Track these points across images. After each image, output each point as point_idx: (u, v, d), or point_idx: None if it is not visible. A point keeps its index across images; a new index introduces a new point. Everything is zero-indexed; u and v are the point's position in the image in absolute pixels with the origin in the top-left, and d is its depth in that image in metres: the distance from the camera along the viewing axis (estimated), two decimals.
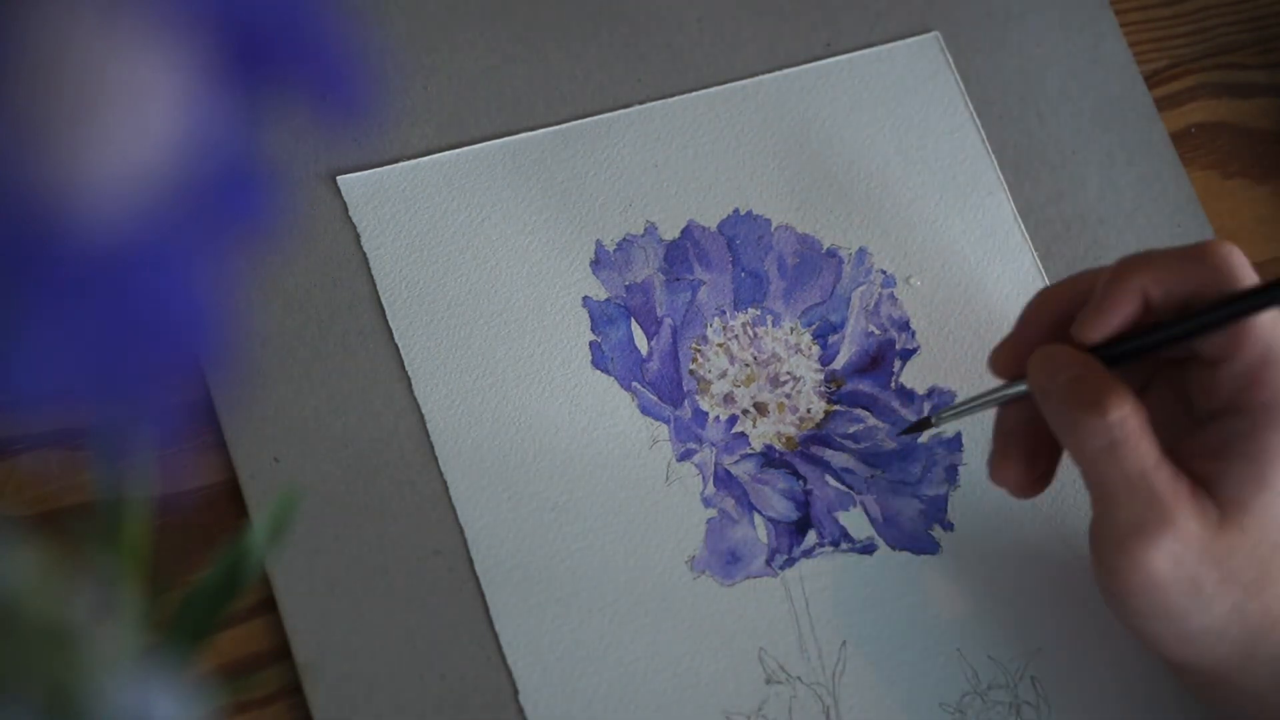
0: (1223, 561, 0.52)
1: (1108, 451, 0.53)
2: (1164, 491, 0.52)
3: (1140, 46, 0.71)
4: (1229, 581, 0.52)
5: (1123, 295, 0.54)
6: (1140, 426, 0.53)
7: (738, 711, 0.58)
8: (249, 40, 0.28)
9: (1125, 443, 0.52)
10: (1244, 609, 0.52)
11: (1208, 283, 0.53)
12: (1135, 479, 0.52)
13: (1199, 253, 0.53)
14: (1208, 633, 0.53)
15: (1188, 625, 0.53)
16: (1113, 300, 0.54)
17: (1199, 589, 0.52)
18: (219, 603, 0.38)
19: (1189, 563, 0.52)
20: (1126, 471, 0.52)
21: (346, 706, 0.56)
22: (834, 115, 0.67)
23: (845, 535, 0.61)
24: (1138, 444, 0.52)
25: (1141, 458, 0.52)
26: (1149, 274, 0.54)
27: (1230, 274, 0.53)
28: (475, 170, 0.64)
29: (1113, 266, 0.55)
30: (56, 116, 0.26)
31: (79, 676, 0.33)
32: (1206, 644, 0.53)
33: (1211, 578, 0.52)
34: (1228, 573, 0.52)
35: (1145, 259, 0.54)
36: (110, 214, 0.27)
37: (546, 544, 0.59)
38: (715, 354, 0.63)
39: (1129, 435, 0.52)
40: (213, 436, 0.59)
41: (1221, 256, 0.53)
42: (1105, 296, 0.54)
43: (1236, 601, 0.52)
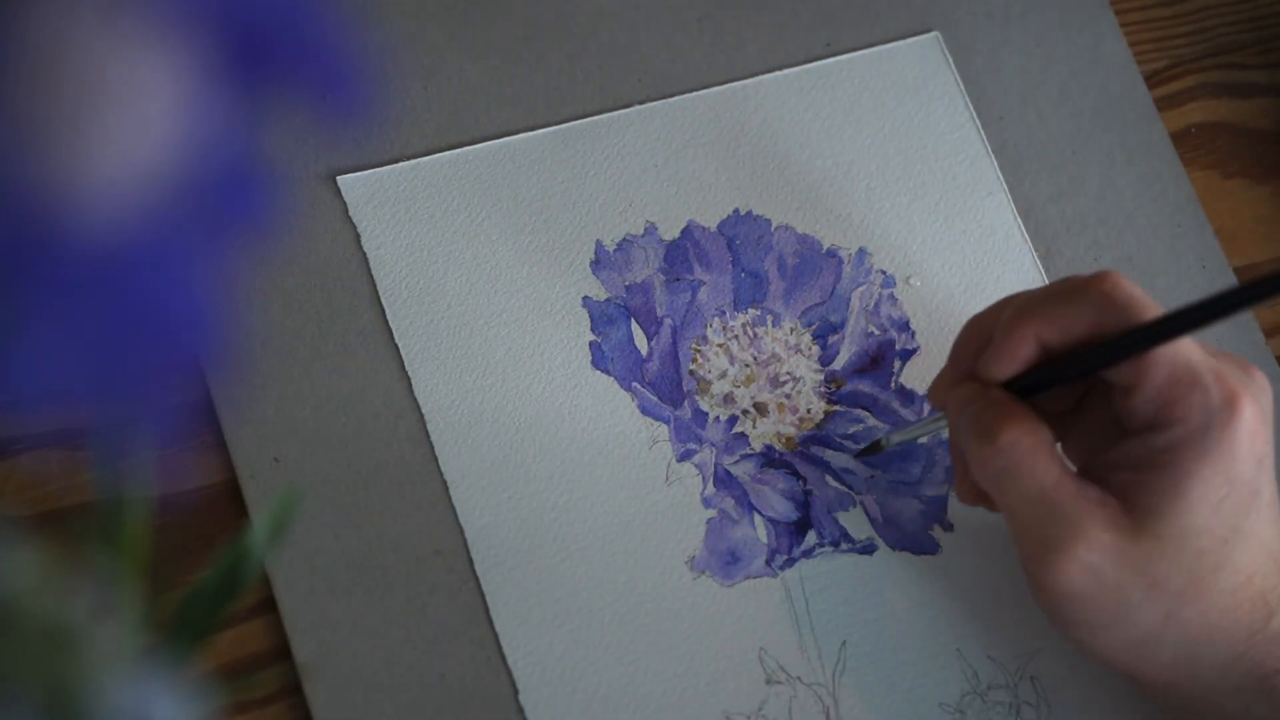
0: (1144, 569, 0.52)
1: (1004, 476, 0.54)
2: (1067, 506, 0.53)
3: (1140, 46, 0.71)
4: (1156, 589, 0.52)
5: (1017, 343, 0.55)
6: (1033, 448, 0.54)
7: (738, 711, 0.58)
8: (249, 40, 0.28)
9: (1019, 466, 0.54)
10: (1179, 617, 0.53)
11: (1096, 322, 0.54)
12: (1035, 498, 0.53)
13: (1082, 292, 0.54)
14: (1144, 641, 0.53)
15: (1122, 635, 0.53)
16: (1008, 348, 0.55)
17: (1125, 597, 0.53)
18: (219, 603, 0.38)
19: (1108, 571, 0.52)
20: (1025, 492, 0.53)
21: (346, 706, 0.56)
22: (834, 115, 0.67)
23: (845, 535, 0.61)
24: (1032, 465, 0.53)
25: (1038, 478, 0.53)
26: (1039, 322, 0.54)
27: (1116, 309, 0.53)
28: (475, 170, 0.64)
29: (1008, 313, 0.55)
30: (56, 116, 0.26)
31: (79, 676, 0.33)
32: (1147, 652, 0.54)
33: (1137, 585, 0.52)
34: (1152, 581, 0.52)
35: (1034, 306, 0.54)
36: (110, 214, 0.27)
37: (546, 544, 0.59)
38: (715, 354, 0.63)
39: (1021, 458, 0.54)
40: (213, 436, 0.59)
41: (1104, 294, 0.53)
42: (1001, 344, 0.55)
43: (1169, 609, 0.53)
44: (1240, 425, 0.52)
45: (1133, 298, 0.53)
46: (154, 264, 0.27)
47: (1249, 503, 0.53)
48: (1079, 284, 0.54)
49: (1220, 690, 0.54)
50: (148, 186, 0.27)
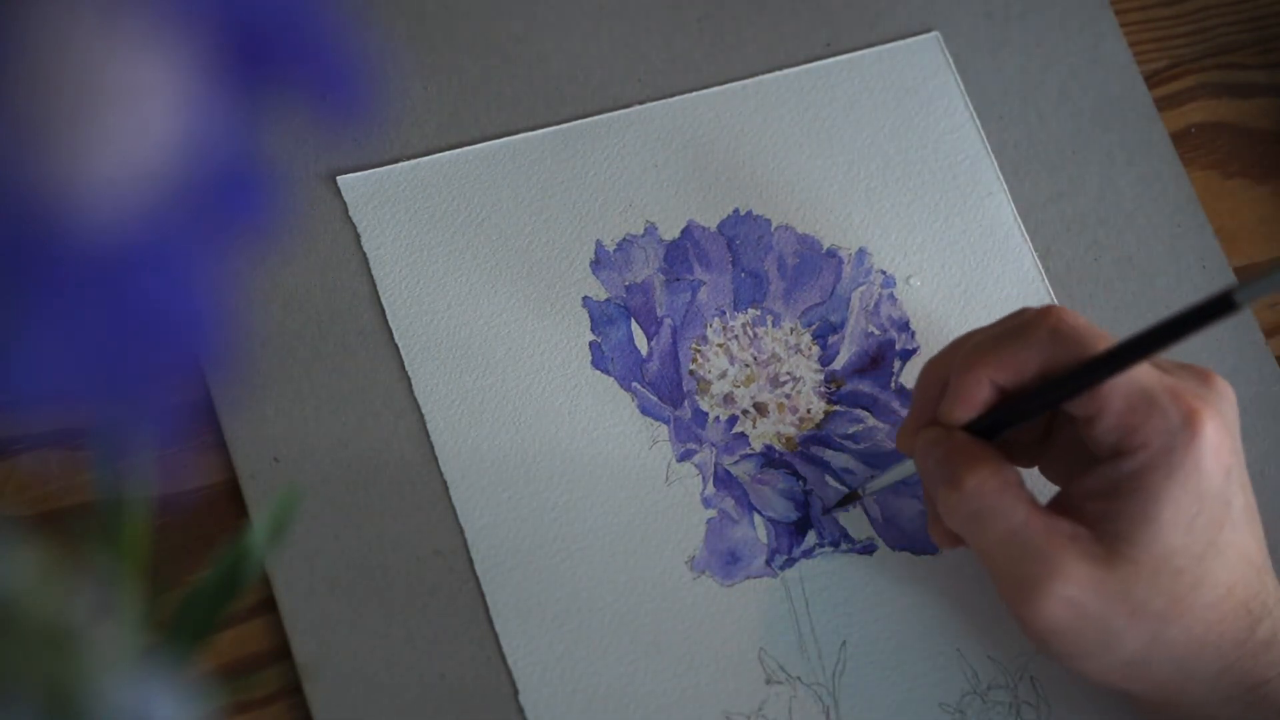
0: (1124, 596, 0.52)
1: (973, 520, 0.54)
2: (1039, 543, 0.53)
3: (1140, 46, 0.71)
4: (1138, 614, 0.52)
5: (971, 388, 0.55)
6: (999, 489, 0.54)
7: (738, 711, 0.58)
8: (249, 40, 0.28)
9: (987, 509, 0.54)
10: (1164, 637, 0.53)
11: (1047, 359, 0.53)
12: (1007, 538, 0.53)
13: (1029, 331, 0.54)
14: (1133, 664, 0.54)
15: (1111, 660, 0.53)
16: (963, 393, 0.55)
17: (1108, 625, 0.53)
18: (219, 603, 0.38)
19: (1088, 602, 0.52)
20: (996, 533, 0.53)
21: (346, 706, 0.56)
22: (834, 115, 0.67)
23: (845, 535, 0.61)
24: (999, 507, 0.53)
25: (1006, 518, 0.53)
26: (990, 366, 0.54)
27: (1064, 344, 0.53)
28: (475, 170, 0.64)
29: (959, 358, 0.55)
30: (56, 116, 0.26)
31: (79, 676, 0.33)
32: (1137, 672, 0.54)
33: (1119, 612, 0.52)
34: (1134, 607, 0.52)
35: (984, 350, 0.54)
36: (110, 214, 0.27)
37: (546, 544, 0.59)
38: (715, 354, 0.63)
39: (988, 501, 0.54)
40: (213, 436, 0.59)
41: (1051, 329, 0.53)
42: (955, 389, 0.55)
43: (1154, 631, 0.53)
44: (1203, 442, 0.52)
45: (1079, 330, 0.53)
46: (154, 264, 0.27)
47: (1221, 515, 0.53)
48: (1026, 322, 0.54)
49: (1212, 702, 0.54)
50: (148, 187, 0.27)
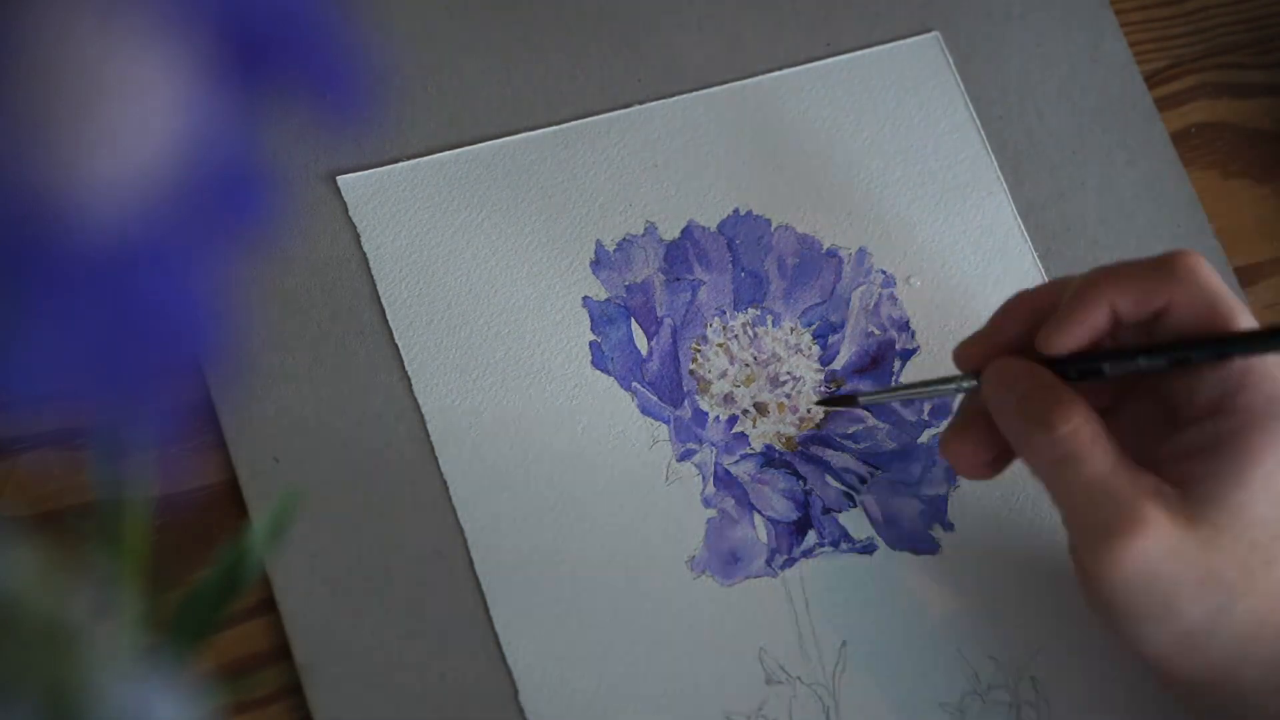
0: (1199, 560, 0.52)
1: (1061, 464, 0.53)
2: (1124, 493, 0.52)
3: (1140, 46, 0.71)
4: (1210, 581, 0.52)
5: (1089, 307, 0.54)
6: (1091, 436, 0.53)
7: (738, 711, 0.58)
8: (249, 40, 0.28)
9: (1077, 454, 0.53)
10: (1230, 611, 0.52)
11: (1176, 296, 0.53)
12: (1093, 486, 0.53)
13: (1165, 265, 0.53)
14: (1194, 634, 0.53)
15: (1173, 627, 0.53)
16: (1079, 312, 0.54)
17: (1178, 588, 0.52)
18: (219, 603, 0.38)
19: (1162, 560, 0.52)
20: (1083, 480, 0.53)
21: (346, 706, 0.56)
22: (834, 115, 0.67)
23: (845, 535, 0.61)
24: (1090, 453, 0.53)
25: (1095, 465, 0.53)
26: (1116, 287, 0.54)
27: (1197, 290, 0.53)
28: (475, 170, 0.64)
29: (1081, 277, 0.55)
30: (56, 116, 0.26)
31: (79, 676, 0.33)
32: (1195, 645, 0.53)
33: (1189, 577, 0.52)
34: (1206, 572, 0.52)
35: (1113, 272, 0.54)
36: (110, 214, 0.27)
37: (546, 544, 0.59)
38: (715, 354, 0.63)
39: (1079, 447, 0.53)
40: (213, 436, 0.59)
41: (1188, 268, 0.53)
42: (1071, 308, 0.54)
43: (1221, 603, 0.52)
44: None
45: (1215, 284, 0.53)
46: (154, 264, 0.27)
47: None
48: (1163, 258, 0.54)
49: (1263, 690, 0.53)
50: (147, 186, 0.27)
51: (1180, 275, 0.53)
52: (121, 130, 0.26)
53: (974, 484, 0.62)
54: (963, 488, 0.62)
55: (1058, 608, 0.61)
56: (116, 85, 0.26)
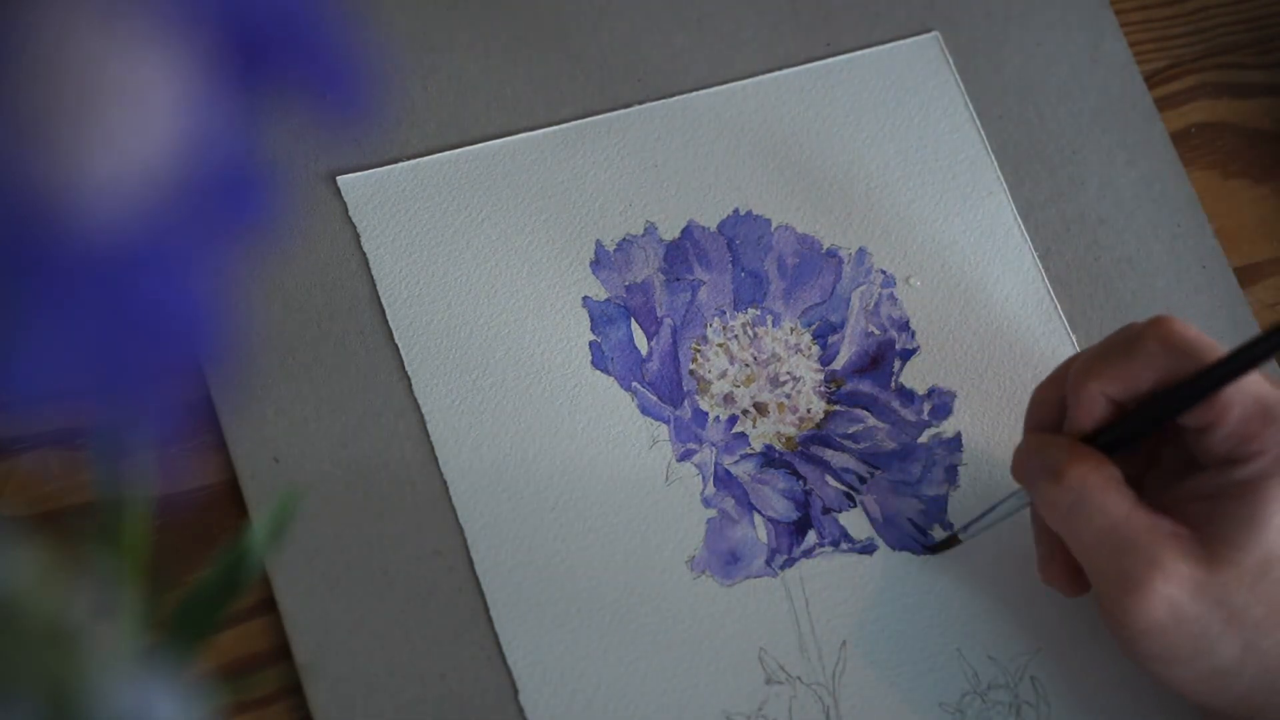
0: (1223, 600, 0.52)
1: (1074, 512, 0.54)
2: (1141, 538, 0.53)
3: (1140, 46, 0.71)
4: (1235, 620, 0.52)
5: (1087, 402, 0.55)
6: (1103, 482, 0.53)
7: (738, 711, 0.58)
8: (249, 40, 0.28)
9: (1089, 500, 0.53)
10: (1258, 648, 0.52)
11: (1160, 370, 0.53)
12: (1108, 532, 0.53)
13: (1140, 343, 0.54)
14: (1223, 673, 0.53)
15: (1201, 666, 0.53)
16: (1080, 408, 0.55)
17: (1205, 629, 0.52)
18: (219, 603, 0.38)
19: (1186, 603, 0.52)
20: (1098, 526, 0.53)
21: (346, 706, 0.56)
22: (834, 115, 0.67)
23: (845, 535, 0.61)
24: (1103, 499, 0.53)
25: (1109, 511, 0.53)
26: (1104, 380, 0.54)
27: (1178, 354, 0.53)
28: (475, 170, 0.64)
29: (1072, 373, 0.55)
30: (57, 116, 0.26)
31: (79, 676, 0.33)
32: (1224, 683, 0.53)
33: (1216, 617, 0.52)
34: (1232, 611, 0.52)
35: (1096, 365, 0.54)
36: (110, 214, 0.27)
37: (546, 544, 0.59)
38: (715, 354, 0.63)
39: (1091, 492, 0.53)
40: (213, 436, 0.59)
41: (1162, 339, 0.53)
42: (1074, 407, 0.55)
43: (1248, 640, 0.52)
44: None
45: (1189, 341, 0.53)
46: (154, 264, 0.27)
47: None
48: (1135, 334, 0.54)
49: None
50: (148, 186, 0.27)
51: (1151, 348, 0.53)
52: (121, 130, 0.26)
53: (974, 484, 0.62)
54: (963, 488, 0.62)
55: (1058, 608, 0.61)
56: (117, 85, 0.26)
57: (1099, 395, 0.54)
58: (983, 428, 0.63)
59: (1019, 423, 0.62)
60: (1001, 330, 0.65)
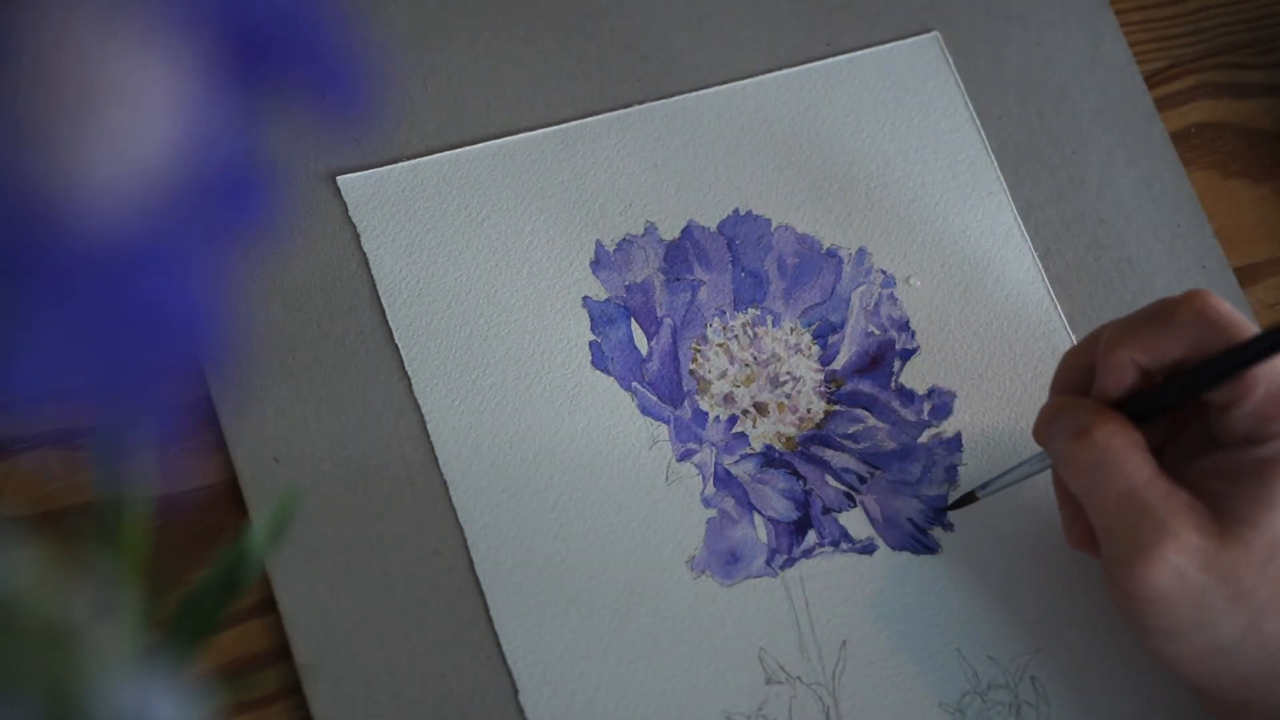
0: (1230, 578, 0.52)
1: (1095, 471, 0.54)
2: (1157, 505, 0.53)
3: (1140, 46, 0.71)
4: (1240, 599, 0.52)
5: (1117, 369, 0.55)
6: (1126, 445, 0.53)
7: (738, 711, 0.58)
8: (249, 40, 0.28)
9: (1111, 462, 0.53)
10: (1260, 630, 0.53)
11: (1191, 343, 0.54)
12: (1126, 495, 0.53)
13: (1173, 314, 0.54)
14: (1223, 651, 0.53)
15: (1202, 642, 0.53)
16: (1110, 376, 0.55)
17: (1208, 605, 0.52)
18: (219, 603, 0.38)
19: (1193, 575, 0.52)
20: (1117, 489, 0.53)
21: (346, 706, 0.56)
22: (834, 115, 0.67)
23: (845, 535, 0.61)
24: (1124, 462, 0.53)
25: (1130, 475, 0.53)
26: (1133, 348, 0.54)
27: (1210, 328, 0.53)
28: (475, 170, 0.64)
29: (1103, 340, 0.55)
30: (57, 116, 0.26)
31: (79, 676, 0.33)
32: (1223, 663, 0.53)
33: (1220, 594, 0.52)
34: (1237, 590, 0.52)
35: (1127, 332, 0.55)
36: (110, 214, 0.27)
37: (546, 544, 0.59)
38: (715, 354, 0.63)
39: (1114, 454, 0.53)
40: (213, 436, 0.59)
41: (1196, 313, 0.54)
42: (1103, 372, 0.55)
43: (1251, 621, 0.52)
44: None
45: (1223, 316, 0.53)
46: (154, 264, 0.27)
47: None
48: (1170, 306, 0.54)
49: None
50: (148, 186, 0.27)
51: (1185, 320, 0.54)
52: (121, 130, 0.26)
53: (974, 484, 0.62)
54: (962, 488, 0.62)
55: (1058, 608, 0.61)
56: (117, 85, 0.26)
57: (1129, 362, 0.54)
58: (983, 428, 0.63)
59: (1019, 423, 0.62)
60: (1001, 330, 0.65)
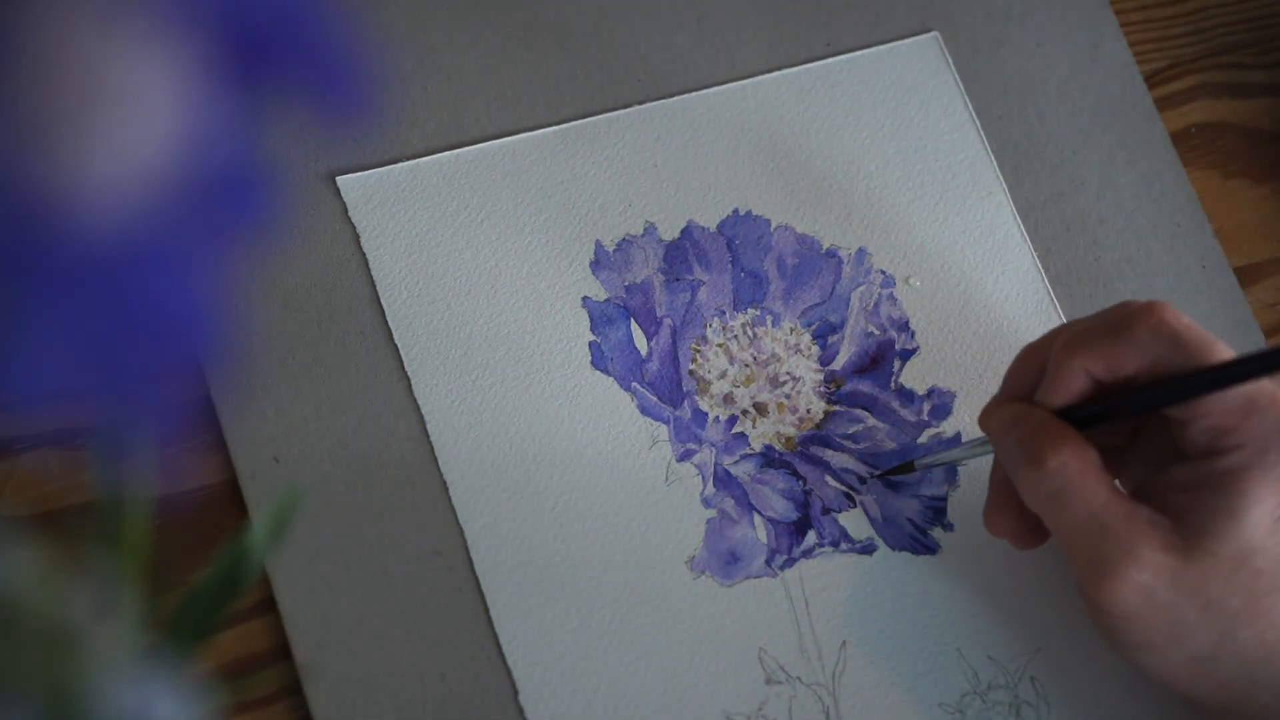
0: (1199, 590, 0.52)
1: (1054, 498, 0.54)
2: (1117, 526, 0.53)
3: (1140, 46, 0.71)
4: (1211, 610, 0.52)
5: (1068, 377, 0.54)
6: (1082, 470, 0.53)
7: (738, 711, 0.58)
8: (249, 40, 0.28)
9: (1068, 488, 0.53)
10: (1235, 638, 0.53)
11: (1146, 358, 0.53)
12: (1085, 519, 0.53)
13: (1129, 328, 0.53)
14: (1200, 661, 0.53)
15: (1178, 654, 0.53)
16: (1059, 381, 0.55)
17: (1179, 619, 0.52)
18: (219, 603, 0.38)
19: (1161, 592, 0.52)
20: (1075, 514, 0.53)
21: (346, 706, 0.56)
22: (834, 115, 0.67)
23: (845, 535, 0.61)
24: (1081, 487, 0.53)
25: (1087, 499, 0.53)
26: (1087, 356, 0.54)
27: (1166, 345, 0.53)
28: (475, 170, 0.64)
29: (1058, 344, 0.55)
30: (56, 116, 0.26)
31: (79, 676, 0.33)
32: (1202, 672, 0.53)
33: (1191, 605, 0.52)
34: (1207, 601, 0.52)
35: (1083, 340, 0.54)
36: (110, 214, 0.27)
37: (546, 544, 0.59)
38: (715, 354, 0.63)
39: (1070, 480, 0.53)
40: (213, 436, 0.59)
41: (1152, 329, 0.53)
42: (1053, 376, 0.55)
43: (1224, 630, 0.52)
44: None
45: (1180, 332, 0.53)
46: (154, 264, 0.27)
47: None
48: (1128, 316, 0.54)
49: (1277, 713, 0.54)
50: (147, 186, 0.27)
51: (1140, 338, 0.53)
52: (121, 130, 0.26)
53: (974, 484, 0.62)
54: (962, 488, 0.62)
55: (1058, 608, 0.61)
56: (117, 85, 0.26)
57: (1081, 371, 0.54)
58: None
59: None
60: (1001, 330, 0.65)
